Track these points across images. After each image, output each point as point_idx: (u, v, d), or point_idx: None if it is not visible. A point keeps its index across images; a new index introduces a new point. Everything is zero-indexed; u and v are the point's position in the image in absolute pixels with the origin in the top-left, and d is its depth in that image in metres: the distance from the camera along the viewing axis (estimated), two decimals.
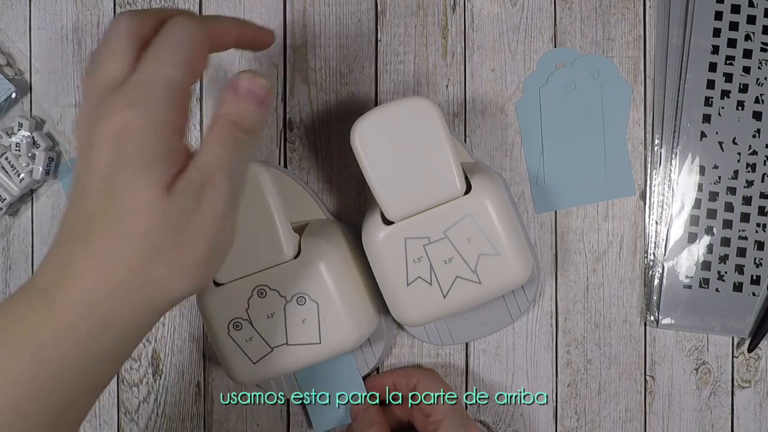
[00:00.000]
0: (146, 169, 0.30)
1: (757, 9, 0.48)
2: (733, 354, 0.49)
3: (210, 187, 0.31)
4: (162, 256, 0.30)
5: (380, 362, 0.49)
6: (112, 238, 0.30)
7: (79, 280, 0.30)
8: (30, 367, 0.29)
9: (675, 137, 0.49)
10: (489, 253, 0.42)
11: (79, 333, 0.30)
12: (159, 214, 0.30)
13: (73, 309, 0.30)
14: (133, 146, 0.30)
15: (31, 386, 0.29)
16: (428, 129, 0.42)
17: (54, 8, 0.50)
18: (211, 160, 0.32)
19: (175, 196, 0.30)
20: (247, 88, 0.33)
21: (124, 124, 0.30)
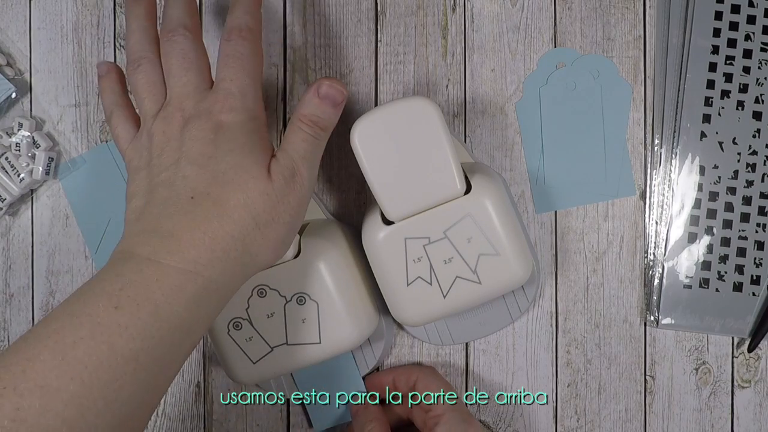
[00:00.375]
0: (252, 150, 0.37)
1: (757, 9, 0.48)
2: (733, 354, 0.49)
3: (298, 174, 0.38)
4: (259, 229, 0.36)
5: (380, 362, 0.49)
6: (218, 210, 0.35)
7: (187, 249, 0.34)
8: (148, 325, 0.32)
9: (675, 137, 0.49)
10: (489, 253, 0.42)
11: (187, 295, 0.34)
12: (261, 192, 0.36)
13: (182, 273, 0.34)
14: (237, 134, 0.37)
15: (150, 341, 0.32)
16: (428, 129, 0.42)
17: (54, 8, 0.50)
18: (297, 151, 0.38)
19: (272, 177, 0.37)
20: (326, 92, 0.39)
21: (226, 120, 0.37)
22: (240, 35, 0.39)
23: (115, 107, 0.41)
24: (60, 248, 0.50)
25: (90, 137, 0.50)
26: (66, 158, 0.50)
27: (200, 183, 0.36)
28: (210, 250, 0.35)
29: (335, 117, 0.40)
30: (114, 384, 0.31)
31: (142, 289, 0.33)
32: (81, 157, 0.50)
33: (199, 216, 0.35)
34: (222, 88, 0.38)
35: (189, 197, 0.35)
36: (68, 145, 0.50)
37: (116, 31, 0.50)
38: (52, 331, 0.32)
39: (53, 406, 0.30)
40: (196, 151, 0.36)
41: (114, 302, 0.32)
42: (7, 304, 0.50)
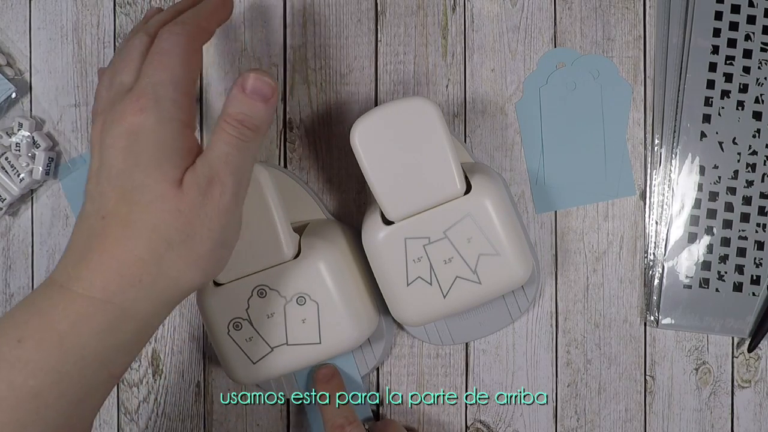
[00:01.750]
0: (157, 165, 0.32)
1: (757, 9, 0.48)
2: (733, 354, 0.49)
3: (216, 182, 0.33)
4: (173, 249, 0.32)
5: (380, 362, 0.49)
6: (126, 233, 0.32)
7: (95, 274, 0.32)
8: (53, 357, 0.30)
9: (675, 137, 0.49)
10: (489, 253, 0.42)
11: (96, 324, 0.31)
12: (169, 209, 0.32)
13: (90, 301, 0.31)
14: (144, 145, 0.33)
15: (53, 375, 0.30)
16: (428, 129, 0.42)
17: (54, 8, 0.50)
18: (217, 156, 0.34)
19: (184, 190, 0.33)
20: (253, 86, 0.34)
21: (134, 125, 0.33)
22: (168, 29, 0.35)
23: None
24: (60, 248, 0.50)
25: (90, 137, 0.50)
26: (66, 158, 0.50)
27: (110, 201, 0.33)
28: (119, 276, 0.32)
29: (266, 114, 0.35)
30: (13, 425, 0.29)
31: (48, 319, 0.31)
32: (81, 157, 0.50)
33: (109, 238, 0.32)
34: (138, 86, 0.34)
35: (101, 216, 0.33)
36: (68, 145, 0.50)
37: (116, 31, 0.50)
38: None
39: None
40: (108, 162, 0.33)
41: (18, 334, 0.31)
42: (7, 304, 0.50)
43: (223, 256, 0.35)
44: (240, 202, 0.35)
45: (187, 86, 0.34)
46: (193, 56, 0.35)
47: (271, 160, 0.50)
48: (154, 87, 0.33)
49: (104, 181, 0.33)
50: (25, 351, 0.30)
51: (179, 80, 0.34)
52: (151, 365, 0.50)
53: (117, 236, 0.32)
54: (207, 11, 0.38)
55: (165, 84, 0.33)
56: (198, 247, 0.33)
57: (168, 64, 0.34)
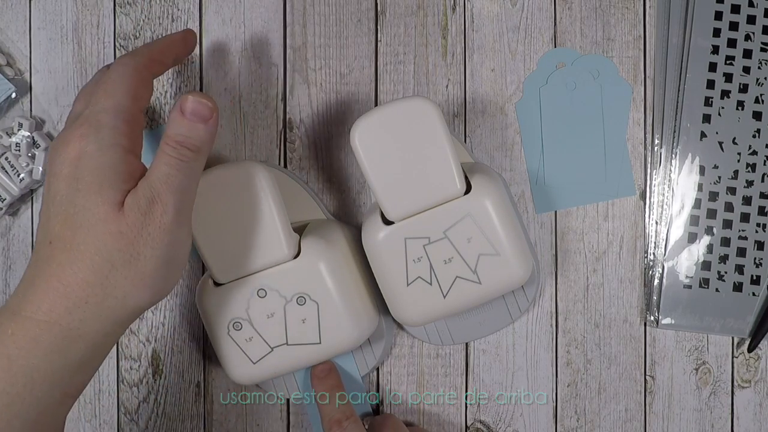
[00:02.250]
0: (99, 189, 0.34)
1: (757, 9, 0.48)
2: (733, 354, 0.49)
3: (157, 202, 0.34)
4: (117, 270, 0.33)
5: (380, 362, 0.49)
6: (70, 256, 0.33)
7: (42, 297, 0.33)
8: (2, 380, 0.31)
9: (675, 137, 0.49)
10: (489, 253, 0.42)
11: (44, 346, 0.32)
12: (111, 231, 0.33)
13: (37, 324, 0.32)
14: (86, 170, 0.34)
15: (4, 398, 0.31)
16: (428, 129, 0.42)
17: (54, 8, 0.50)
18: (158, 177, 0.35)
19: (125, 212, 0.34)
20: (192, 108, 0.36)
21: (78, 151, 0.34)
22: (119, 60, 0.38)
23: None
24: None
25: None
26: None
27: (55, 226, 0.34)
28: (65, 298, 0.33)
29: (207, 134, 0.36)
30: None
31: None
32: None
33: (54, 263, 0.33)
34: (83, 114, 0.35)
35: (48, 242, 0.34)
36: None
37: (116, 31, 0.50)
38: None
39: None
40: (54, 189, 0.34)
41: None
42: None
43: (171, 274, 0.36)
44: (184, 221, 0.36)
45: (130, 114, 0.36)
46: (140, 86, 0.37)
47: (271, 160, 0.50)
48: (96, 115, 0.35)
49: (51, 207, 0.34)
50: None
51: (122, 108, 0.35)
52: (151, 365, 0.50)
53: (62, 260, 0.33)
54: (163, 45, 0.40)
55: (107, 111, 0.35)
56: (143, 267, 0.34)
57: (112, 93, 0.35)
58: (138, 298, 0.34)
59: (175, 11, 0.50)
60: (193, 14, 0.50)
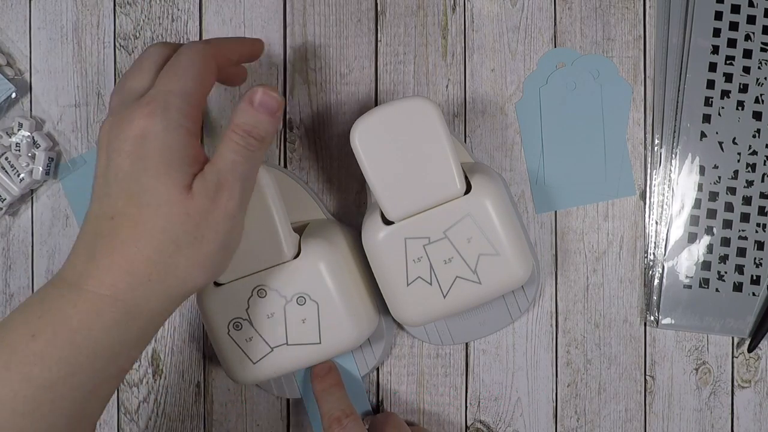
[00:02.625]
0: (167, 169, 0.34)
1: (757, 9, 0.48)
2: (733, 354, 0.50)
3: (224, 188, 0.35)
4: (181, 250, 0.34)
5: (380, 362, 0.49)
6: (135, 233, 0.33)
7: (105, 273, 0.33)
8: (66, 352, 0.32)
9: (675, 137, 0.49)
10: (489, 253, 0.42)
11: (106, 321, 0.33)
12: (179, 212, 0.34)
13: (100, 299, 0.33)
14: (153, 149, 0.34)
15: (67, 368, 0.32)
16: (428, 129, 0.42)
17: (54, 8, 0.50)
18: (226, 164, 0.35)
19: (193, 195, 0.34)
20: (260, 100, 0.36)
21: (144, 130, 0.34)
22: (190, 45, 0.38)
23: None
24: (60, 248, 0.50)
25: (90, 137, 0.50)
26: (66, 158, 0.50)
27: (119, 202, 0.34)
28: (128, 275, 0.33)
29: (272, 127, 0.37)
30: (31, 415, 0.31)
31: (60, 315, 0.32)
32: (81, 157, 0.50)
33: (117, 239, 0.34)
34: (149, 93, 0.35)
35: (110, 217, 0.34)
36: (68, 145, 0.50)
37: (116, 31, 0.50)
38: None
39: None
40: (115, 165, 0.34)
41: (32, 330, 0.32)
42: (7, 304, 0.50)
43: (227, 259, 0.37)
44: (244, 208, 0.37)
45: (196, 99, 0.36)
46: (207, 74, 0.37)
47: (271, 160, 0.50)
48: (164, 95, 0.35)
49: (111, 183, 0.34)
50: (39, 346, 0.32)
51: (190, 92, 0.36)
52: (151, 365, 0.50)
53: (126, 237, 0.33)
54: (234, 42, 0.41)
55: (175, 94, 0.35)
56: (204, 250, 0.35)
57: (182, 76, 0.36)
58: (196, 280, 0.35)
59: (175, 11, 0.50)
60: (193, 14, 0.50)
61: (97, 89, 0.50)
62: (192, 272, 0.35)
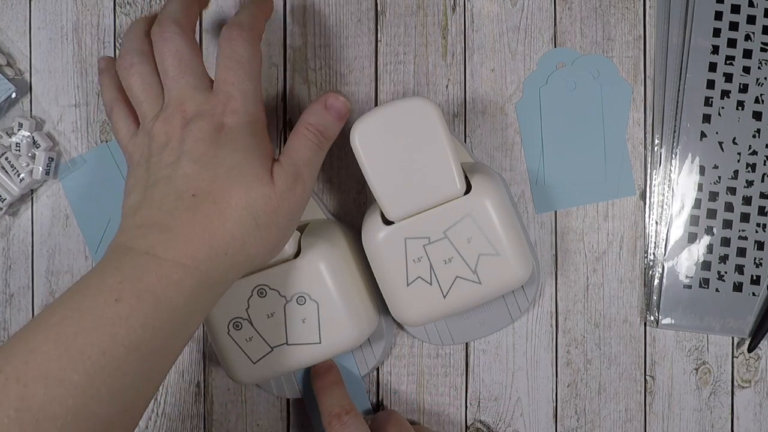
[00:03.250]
0: (252, 154, 0.37)
1: (757, 9, 0.48)
2: (733, 354, 0.50)
3: (300, 179, 0.38)
4: (258, 229, 0.37)
5: (380, 362, 0.49)
6: (218, 209, 0.36)
7: (185, 244, 0.35)
8: (148, 318, 0.33)
9: (675, 137, 0.49)
10: (489, 253, 0.42)
11: (185, 289, 0.35)
12: (263, 193, 0.37)
13: (181, 268, 0.35)
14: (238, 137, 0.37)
15: (150, 331, 0.33)
16: (428, 129, 0.42)
17: (54, 8, 0.50)
18: (301, 158, 0.39)
19: (275, 180, 0.37)
20: (332, 104, 0.41)
21: (226, 125, 0.37)
22: (241, 35, 0.39)
23: (114, 102, 0.41)
24: (60, 248, 0.50)
25: (90, 137, 0.50)
26: (66, 158, 0.50)
27: (202, 181, 0.36)
28: (209, 247, 0.35)
29: (338, 128, 0.41)
30: (116, 373, 0.32)
31: (142, 282, 0.34)
32: (81, 157, 0.50)
33: (199, 214, 0.36)
34: (223, 90, 0.38)
35: (191, 195, 0.36)
36: (68, 145, 0.50)
37: (116, 31, 0.50)
38: (53, 323, 0.32)
39: (57, 395, 0.31)
40: (198, 150, 0.37)
41: (114, 294, 0.33)
42: (7, 304, 0.50)
43: (285, 242, 0.40)
44: (309, 199, 0.40)
45: (260, 89, 0.40)
46: (260, 60, 0.40)
47: None
48: (241, 91, 0.38)
49: (188, 164, 0.36)
50: (123, 309, 0.33)
51: (257, 84, 0.39)
52: None
53: (209, 212, 0.36)
54: (258, 11, 0.42)
55: (249, 89, 0.38)
56: (275, 232, 0.38)
57: (248, 70, 0.39)
58: (262, 259, 0.38)
59: None
60: None
61: (97, 89, 0.50)
62: (260, 251, 0.37)
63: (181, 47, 0.39)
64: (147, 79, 0.39)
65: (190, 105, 0.38)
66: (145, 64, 0.39)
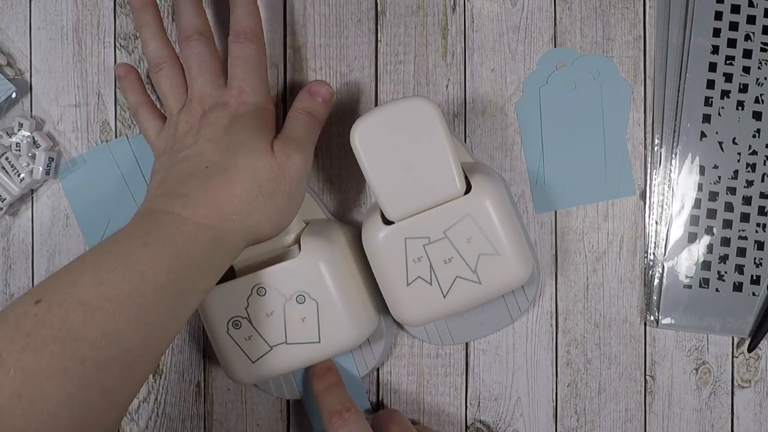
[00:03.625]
0: (256, 131, 0.42)
1: (757, 9, 0.48)
2: (733, 354, 0.49)
3: (297, 152, 0.42)
4: (261, 196, 0.40)
5: (380, 362, 0.49)
6: (227, 176, 0.40)
7: (200, 205, 0.39)
8: (172, 262, 0.37)
9: (675, 137, 0.49)
10: (489, 253, 0.42)
11: (201, 243, 0.38)
12: (265, 162, 0.41)
13: (197, 225, 0.39)
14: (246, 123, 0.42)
15: (174, 275, 0.37)
16: (428, 129, 0.42)
17: (54, 8, 0.50)
18: (297, 134, 0.43)
19: (275, 152, 0.42)
20: (317, 90, 0.45)
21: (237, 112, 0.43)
22: (246, 38, 0.44)
23: (140, 105, 0.47)
24: (60, 248, 0.50)
25: (90, 137, 0.50)
26: (66, 158, 0.50)
27: (214, 156, 0.41)
28: (220, 210, 0.39)
29: (326, 111, 0.46)
30: (145, 308, 0.36)
31: (166, 233, 0.38)
32: (81, 157, 0.50)
33: (212, 181, 0.40)
34: (236, 85, 0.44)
35: (204, 167, 0.40)
36: (68, 145, 0.50)
37: (116, 31, 0.50)
38: (90, 261, 0.37)
39: (94, 320, 0.34)
40: (212, 132, 0.42)
41: (143, 241, 0.37)
42: (7, 304, 0.50)
43: (291, 215, 0.43)
44: (308, 172, 0.43)
45: (267, 81, 0.46)
46: (265, 54, 0.46)
47: None
48: (251, 86, 0.44)
49: (204, 144, 0.41)
50: (151, 252, 0.37)
51: (264, 78, 0.45)
52: None
53: (218, 179, 0.40)
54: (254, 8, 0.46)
55: (258, 84, 0.44)
56: (280, 200, 0.41)
57: (255, 68, 0.44)
58: (265, 228, 0.41)
59: None
60: None
61: (97, 89, 0.50)
62: (263, 221, 0.41)
63: (203, 51, 0.44)
64: (174, 79, 0.45)
65: (209, 99, 0.43)
66: (173, 67, 0.46)
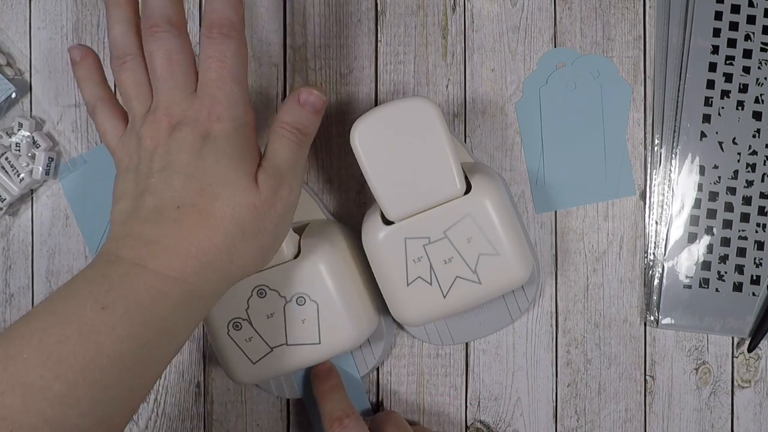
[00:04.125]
0: (236, 164, 0.36)
1: (757, 9, 0.48)
2: (733, 354, 0.49)
3: (285, 183, 0.37)
4: (245, 240, 0.36)
5: (380, 362, 0.49)
6: (204, 222, 0.35)
7: (172, 256, 0.34)
8: (135, 328, 0.33)
9: (675, 137, 0.49)
10: (489, 253, 0.42)
11: (173, 301, 0.34)
12: (248, 203, 0.36)
13: (169, 280, 0.34)
14: (222, 146, 0.36)
15: (136, 342, 0.33)
16: (428, 129, 0.42)
17: (54, 8, 0.50)
18: (283, 160, 0.38)
19: (260, 188, 0.36)
20: (306, 98, 0.39)
21: (211, 131, 0.36)
22: (221, 32, 0.36)
23: (98, 101, 0.40)
24: (60, 248, 0.50)
25: (90, 137, 0.50)
26: (66, 158, 0.50)
27: (187, 194, 0.35)
28: (196, 260, 0.35)
29: (316, 123, 0.40)
30: (99, 384, 0.31)
31: (130, 292, 0.33)
32: (81, 157, 0.50)
33: (185, 226, 0.35)
34: (207, 93, 0.36)
35: (175, 207, 0.35)
36: (68, 145, 0.50)
37: None
38: (36, 329, 0.31)
39: (36, 404, 0.30)
40: (182, 160, 0.36)
41: (101, 303, 0.32)
42: (7, 304, 0.50)
43: (276, 249, 0.39)
44: (297, 200, 0.39)
45: (247, 87, 0.38)
46: (246, 54, 0.38)
47: None
48: (226, 94, 0.36)
49: (172, 175, 0.35)
50: (110, 319, 0.32)
51: (243, 83, 0.37)
52: None
53: (195, 225, 0.35)
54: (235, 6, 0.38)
55: (234, 90, 0.36)
56: (265, 240, 0.37)
57: (232, 70, 0.36)
58: (252, 267, 0.37)
59: None
60: (193, 14, 0.50)
61: None
62: (249, 261, 0.37)
63: (172, 46, 0.37)
64: (138, 77, 0.38)
65: (176, 110, 0.36)
66: (137, 61, 0.38)
